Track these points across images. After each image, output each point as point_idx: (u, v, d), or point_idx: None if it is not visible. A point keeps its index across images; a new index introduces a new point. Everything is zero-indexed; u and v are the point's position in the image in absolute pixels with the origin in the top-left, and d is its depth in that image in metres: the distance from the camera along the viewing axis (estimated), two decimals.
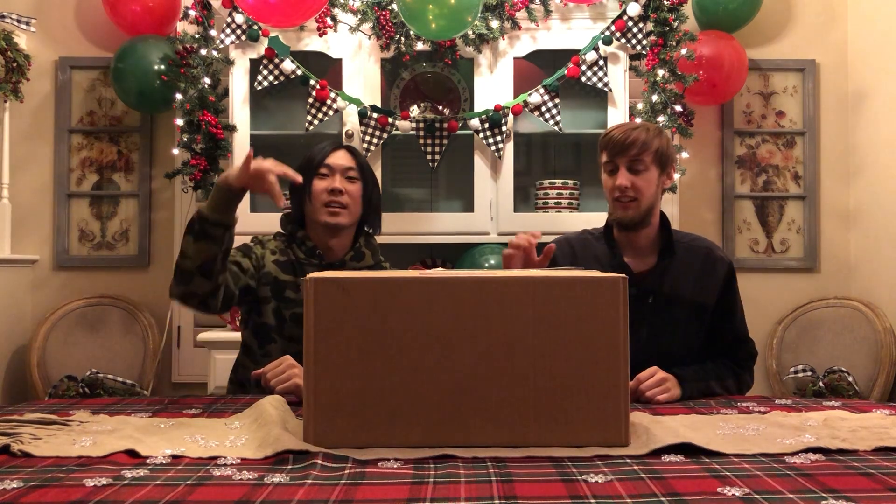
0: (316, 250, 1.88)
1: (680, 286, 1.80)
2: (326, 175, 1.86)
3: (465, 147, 2.89)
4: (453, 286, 1.21)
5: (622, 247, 1.85)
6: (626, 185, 1.76)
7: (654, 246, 1.84)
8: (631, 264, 1.82)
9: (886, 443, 1.20)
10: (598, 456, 1.14)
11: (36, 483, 1.01)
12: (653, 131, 1.80)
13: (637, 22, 2.78)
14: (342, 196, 1.84)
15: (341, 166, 1.87)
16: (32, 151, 3.26)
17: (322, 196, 1.84)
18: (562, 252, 1.89)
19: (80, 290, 3.22)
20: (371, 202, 1.93)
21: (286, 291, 1.85)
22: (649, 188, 1.78)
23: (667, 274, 1.80)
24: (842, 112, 3.29)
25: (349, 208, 1.86)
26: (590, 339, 1.20)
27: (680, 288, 1.80)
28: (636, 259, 1.84)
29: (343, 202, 1.84)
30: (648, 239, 1.84)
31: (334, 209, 1.84)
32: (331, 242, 1.89)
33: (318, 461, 1.10)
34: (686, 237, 1.89)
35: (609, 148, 1.79)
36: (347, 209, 1.86)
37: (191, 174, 2.80)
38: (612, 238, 1.86)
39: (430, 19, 2.42)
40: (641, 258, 1.84)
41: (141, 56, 2.97)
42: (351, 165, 1.89)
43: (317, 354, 1.19)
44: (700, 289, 1.81)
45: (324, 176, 1.86)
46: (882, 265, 3.06)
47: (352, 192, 1.86)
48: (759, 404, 1.57)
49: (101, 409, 1.52)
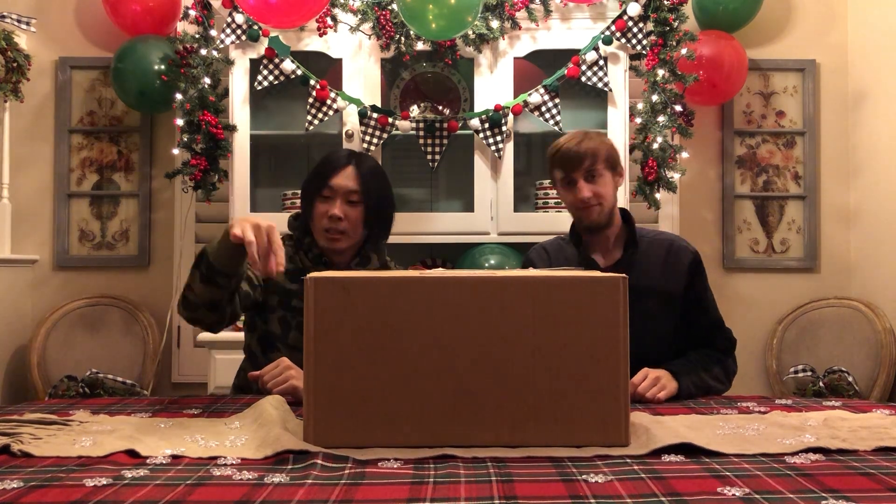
0: (322, 257, 1.87)
1: (646, 277, 1.86)
2: (329, 198, 1.83)
3: (465, 147, 2.89)
4: (453, 286, 1.21)
5: (589, 245, 1.96)
6: (588, 195, 1.85)
7: (619, 241, 1.94)
8: (598, 260, 1.93)
9: (886, 443, 1.20)
10: (598, 456, 1.14)
11: (36, 483, 1.01)
12: (597, 138, 1.90)
13: (637, 22, 2.78)
14: (341, 223, 1.82)
15: (344, 188, 1.83)
16: (32, 151, 3.26)
17: (322, 221, 1.82)
18: (539, 257, 2.01)
19: (80, 290, 3.22)
20: (375, 222, 1.89)
21: (293, 301, 1.84)
22: (608, 191, 1.88)
23: (633, 266, 1.85)
24: (842, 112, 3.29)
25: (347, 233, 1.84)
26: (590, 339, 1.20)
27: (647, 279, 1.86)
28: (603, 255, 1.94)
29: (342, 228, 1.82)
30: (613, 235, 1.93)
31: (333, 235, 1.83)
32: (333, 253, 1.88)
33: (318, 461, 1.10)
34: (650, 232, 1.98)
35: (563, 164, 1.87)
36: (346, 234, 1.83)
37: (191, 174, 2.80)
38: (579, 240, 1.96)
39: (430, 19, 2.42)
40: (608, 253, 1.94)
41: (141, 56, 2.97)
42: (354, 188, 1.83)
43: (317, 354, 1.19)
44: (666, 278, 1.88)
45: (326, 199, 1.83)
46: (882, 265, 3.06)
47: (352, 217, 1.83)
48: (759, 404, 1.57)
49: (101, 409, 1.52)
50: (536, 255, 2.03)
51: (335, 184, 1.83)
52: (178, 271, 3.15)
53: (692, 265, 1.89)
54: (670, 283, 1.87)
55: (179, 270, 3.16)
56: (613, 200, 1.90)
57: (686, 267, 1.88)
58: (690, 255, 1.91)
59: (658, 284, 1.87)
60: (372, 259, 1.92)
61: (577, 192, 1.86)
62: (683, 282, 1.88)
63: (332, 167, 1.85)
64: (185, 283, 1.63)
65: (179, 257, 3.17)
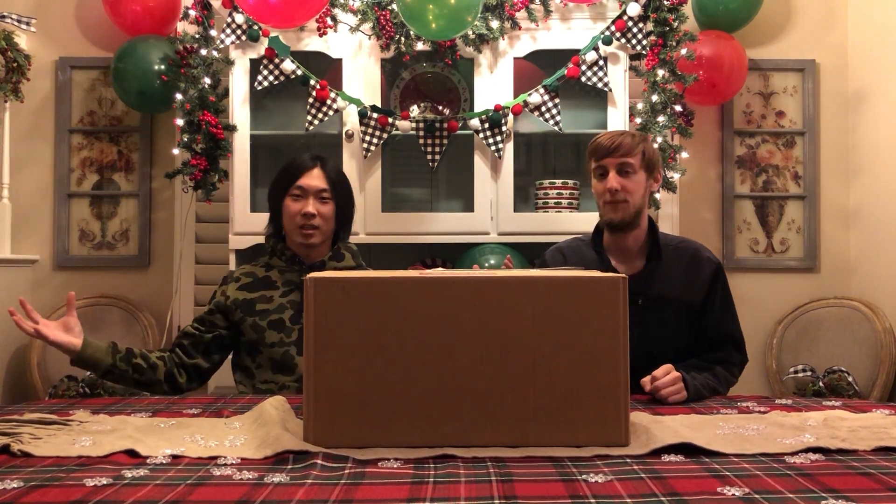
0: (296, 257, 1.99)
1: (668, 288, 1.85)
2: (299, 196, 1.95)
3: (465, 147, 2.88)
4: (453, 286, 1.21)
5: (610, 251, 1.92)
6: (616, 188, 1.83)
7: (642, 250, 1.90)
8: (619, 268, 1.89)
9: (886, 443, 1.20)
10: (598, 456, 1.14)
11: (36, 483, 1.01)
12: (638, 137, 1.89)
13: (637, 22, 2.78)
14: (315, 219, 1.94)
15: (314, 188, 1.95)
16: (32, 151, 3.26)
17: (296, 219, 1.94)
18: (554, 261, 1.98)
19: (80, 290, 3.21)
20: (342, 217, 2.02)
21: (256, 305, 1.95)
22: (638, 190, 1.85)
23: (655, 277, 1.85)
24: (842, 112, 3.29)
25: (321, 228, 1.96)
26: (590, 339, 1.20)
27: (668, 290, 1.85)
28: (624, 263, 1.90)
29: (315, 224, 1.94)
30: (637, 242, 1.90)
31: (308, 231, 1.94)
32: (309, 249, 1.99)
33: (318, 461, 1.10)
34: (674, 240, 1.95)
35: (597, 153, 1.87)
36: (319, 230, 1.96)
37: (191, 174, 2.79)
38: (600, 244, 1.93)
39: (430, 19, 2.42)
40: (629, 262, 1.90)
41: (141, 56, 2.97)
42: (324, 187, 1.97)
43: (317, 354, 1.20)
44: (687, 289, 1.86)
45: (297, 197, 1.95)
46: (882, 265, 3.06)
47: (324, 213, 1.96)
48: (759, 404, 1.57)
49: (101, 409, 1.52)
50: (551, 256, 2.01)
51: (305, 184, 1.95)
52: (178, 271, 3.15)
53: (713, 277, 1.88)
54: (690, 294, 1.86)
55: (179, 270, 3.16)
56: (642, 202, 1.87)
57: (707, 279, 1.87)
58: (713, 266, 1.89)
59: (678, 295, 1.85)
60: (346, 257, 2.02)
61: (606, 183, 1.84)
62: (703, 293, 1.86)
63: (299, 169, 1.98)
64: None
65: (179, 257, 3.17)
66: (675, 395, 1.60)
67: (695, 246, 1.94)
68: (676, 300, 1.85)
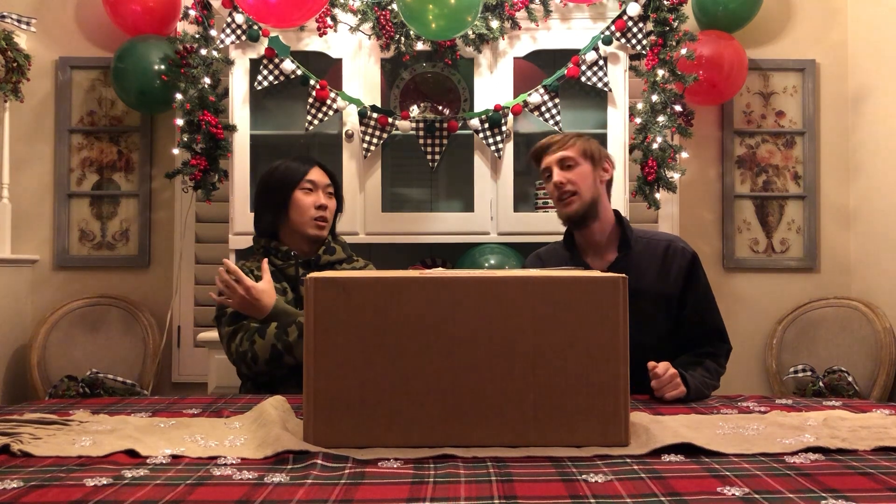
0: (291, 252, 2.04)
1: (641, 279, 1.87)
2: (311, 190, 2.04)
3: (465, 147, 2.88)
4: (453, 286, 1.21)
5: (582, 248, 1.97)
6: (561, 181, 1.90)
7: (612, 243, 1.95)
8: (591, 263, 1.94)
9: (886, 442, 1.20)
10: (598, 456, 1.14)
11: (36, 483, 1.01)
12: (572, 133, 1.98)
13: (637, 22, 2.78)
14: (326, 211, 2.04)
15: (323, 183, 2.06)
16: (32, 151, 3.26)
17: (311, 211, 2.01)
18: (533, 267, 2.03)
19: (80, 290, 3.22)
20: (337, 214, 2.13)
21: None
22: (584, 181, 1.90)
23: (628, 269, 1.85)
24: (842, 112, 3.29)
25: (329, 221, 2.07)
26: (590, 339, 1.20)
27: (642, 281, 1.87)
28: (596, 258, 1.95)
29: (327, 216, 2.04)
30: (603, 234, 1.94)
31: (321, 223, 2.02)
32: (305, 245, 2.05)
33: (318, 461, 1.10)
34: (647, 233, 1.98)
35: (537, 154, 1.97)
36: (328, 223, 2.06)
37: (191, 174, 2.79)
38: (572, 243, 1.98)
39: (430, 19, 2.42)
40: (601, 256, 1.95)
41: (141, 56, 2.97)
42: (328, 182, 2.08)
43: (317, 354, 1.20)
44: (662, 280, 1.89)
45: (308, 191, 2.03)
46: (882, 265, 3.06)
47: (330, 207, 2.07)
48: (759, 404, 1.57)
49: (101, 409, 1.52)
50: (531, 263, 2.07)
51: (315, 178, 2.05)
52: (178, 271, 3.15)
53: (689, 267, 1.89)
54: (666, 285, 1.88)
55: (179, 270, 3.16)
56: (594, 193, 1.91)
57: (683, 269, 1.89)
58: (688, 256, 1.91)
59: (654, 286, 1.87)
60: (337, 250, 2.08)
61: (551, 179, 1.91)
62: (680, 284, 1.88)
63: (305, 167, 2.06)
64: None
65: (179, 257, 3.17)
66: (672, 392, 1.61)
67: (668, 237, 1.97)
68: (653, 292, 1.87)
